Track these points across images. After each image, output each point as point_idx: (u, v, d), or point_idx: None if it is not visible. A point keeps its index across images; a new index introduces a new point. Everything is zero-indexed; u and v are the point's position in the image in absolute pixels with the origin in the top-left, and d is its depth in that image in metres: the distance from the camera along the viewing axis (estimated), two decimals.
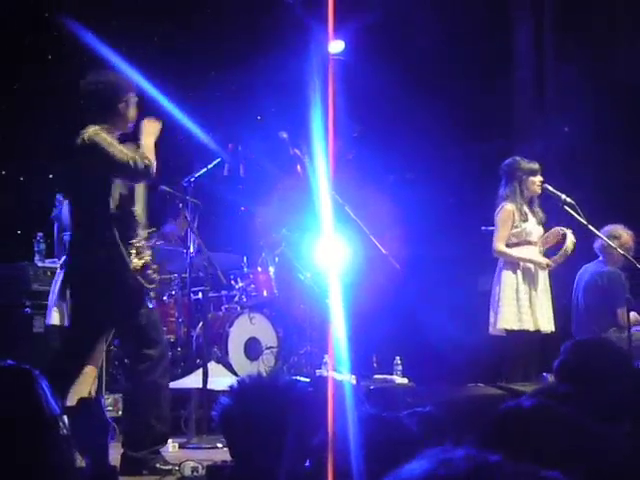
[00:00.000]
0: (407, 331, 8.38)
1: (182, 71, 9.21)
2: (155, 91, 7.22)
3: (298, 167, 6.22)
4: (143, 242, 4.98)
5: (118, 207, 4.89)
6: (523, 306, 6.48)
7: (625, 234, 7.20)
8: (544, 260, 6.59)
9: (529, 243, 6.61)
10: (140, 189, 5.06)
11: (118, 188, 4.89)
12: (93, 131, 4.86)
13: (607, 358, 3.07)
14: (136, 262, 4.86)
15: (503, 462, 1.07)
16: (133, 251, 4.88)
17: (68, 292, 5.14)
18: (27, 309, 7.18)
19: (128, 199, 4.95)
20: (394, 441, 2.29)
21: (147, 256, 4.96)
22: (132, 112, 5.07)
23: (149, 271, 4.96)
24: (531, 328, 6.46)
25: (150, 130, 5.07)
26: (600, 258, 7.45)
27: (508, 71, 9.26)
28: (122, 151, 4.84)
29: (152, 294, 5.13)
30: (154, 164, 4.93)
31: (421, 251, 8.45)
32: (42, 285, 7.13)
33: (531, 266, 6.56)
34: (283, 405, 2.55)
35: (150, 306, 5.02)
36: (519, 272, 6.54)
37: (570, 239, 6.59)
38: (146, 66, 8.21)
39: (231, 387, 2.65)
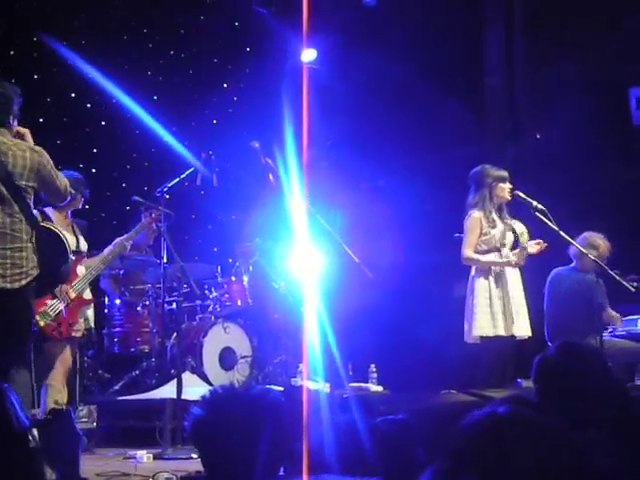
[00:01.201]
0: (383, 339, 8.37)
1: (155, 81, 9.20)
2: (127, 100, 7.22)
3: (270, 176, 6.21)
4: None
5: None
6: (496, 312, 6.49)
7: (603, 244, 7.25)
8: (511, 258, 6.59)
9: (498, 250, 6.63)
10: None
11: None
12: None
13: (591, 362, 3.06)
14: None
15: None
16: None
17: None
18: None
19: None
20: (368, 447, 2.29)
21: None
22: None
23: None
24: (505, 333, 6.48)
25: None
26: (573, 263, 7.48)
27: (479, 76, 9.29)
28: None
29: None
30: None
31: (395, 258, 8.45)
32: None
33: (503, 272, 6.58)
34: (256, 415, 2.53)
35: None
36: (491, 279, 6.56)
37: (519, 229, 6.65)
38: (119, 75, 8.23)
39: (203, 397, 2.63)
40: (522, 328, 6.58)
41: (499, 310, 6.50)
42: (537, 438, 1.43)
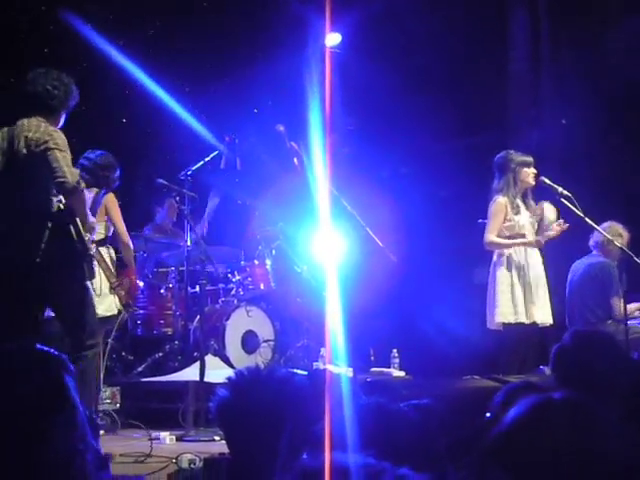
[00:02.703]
0: (404, 324, 8.39)
1: (179, 65, 9.20)
2: (153, 84, 7.23)
3: (295, 160, 6.22)
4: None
5: None
6: (518, 298, 6.50)
7: (625, 233, 7.27)
8: (533, 238, 6.60)
9: (522, 236, 6.62)
10: None
11: None
12: None
13: (604, 349, 3.08)
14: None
15: None
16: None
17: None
18: None
19: None
20: (394, 429, 2.30)
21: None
22: None
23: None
24: (526, 320, 6.49)
25: None
26: (594, 252, 7.47)
27: (503, 63, 9.24)
28: None
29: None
30: None
31: (417, 244, 8.45)
32: None
33: (525, 260, 6.58)
34: (281, 398, 2.55)
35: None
36: (513, 266, 6.56)
37: (548, 209, 6.63)
38: (144, 60, 8.24)
39: (229, 379, 2.65)
40: (543, 315, 6.58)
41: (520, 297, 6.50)
42: (590, 425, 1.42)
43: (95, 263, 5.36)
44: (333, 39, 8.31)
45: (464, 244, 7.71)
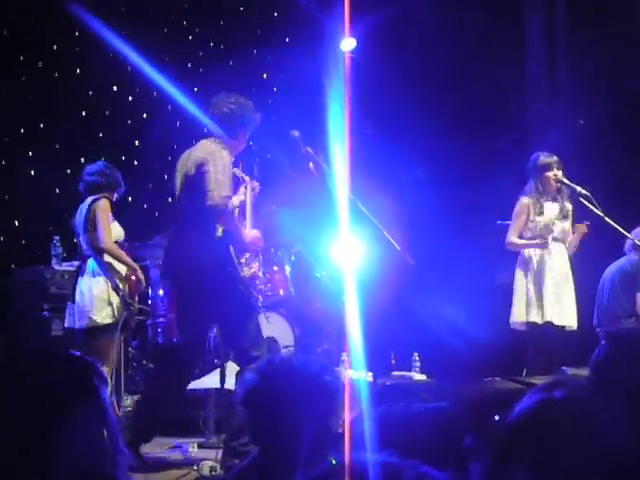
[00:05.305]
0: (426, 327, 8.34)
1: (195, 70, 9.23)
2: (169, 86, 7.22)
3: (311, 165, 6.20)
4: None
5: None
6: (531, 299, 6.59)
7: None
8: (546, 238, 6.61)
9: (544, 237, 6.62)
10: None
11: None
12: None
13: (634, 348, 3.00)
14: (246, 271, 5.00)
15: None
16: (243, 260, 5.06)
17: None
18: (45, 312, 7.21)
19: None
20: (413, 432, 2.28)
21: (255, 267, 5.16)
22: None
23: (257, 281, 5.17)
24: (539, 321, 6.51)
25: None
26: (631, 255, 7.39)
27: (521, 65, 9.22)
28: None
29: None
30: None
31: (437, 246, 8.41)
32: (59, 288, 7.15)
33: (543, 262, 6.59)
34: (308, 390, 2.52)
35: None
36: (531, 266, 6.65)
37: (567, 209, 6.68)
38: (161, 62, 8.25)
39: (258, 365, 2.63)
40: (566, 318, 6.57)
41: (534, 297, 6.55)
42: (593, 421, 1.40)
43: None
44: (349, 44, 8.29)
45: (484, 246, 7.68)
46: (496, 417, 2.45)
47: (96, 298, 6.04)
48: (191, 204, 5.21)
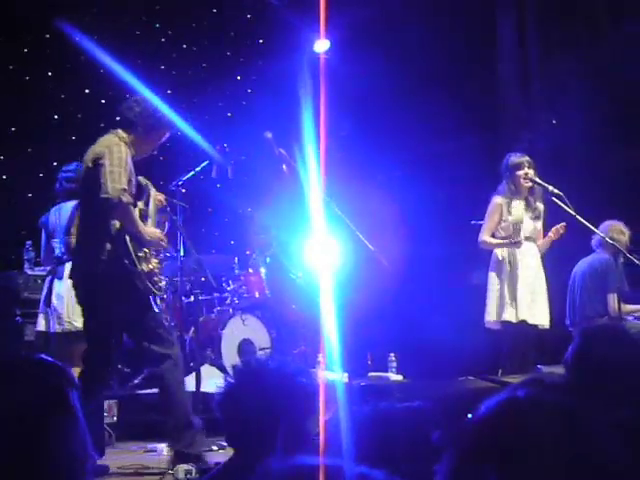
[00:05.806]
0: (402, 328, 8.35)
1: (168, 72, 9.19)
2: (142, 88, 7.19)
3: (284, 167, 6.19)
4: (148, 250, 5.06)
5: None
6: (504, 298, 6.60)
7: (626, 230, 7.30)
8: (516, 238, 6.64)
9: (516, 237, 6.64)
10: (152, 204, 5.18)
11: None
12: None
13: (623, 347, 3.01)
14: (144, 266, 4.93)
15: None
16: (142, 255, 4.96)
17: (79, 294, 5.17)
18: (18, 318, 7.15)
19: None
20: (386, 431, 2.28)
21: (154, 263, 5.05)
22: None
23: (155, 278, 5.04)
24: (513, 320, 6.53)
25: None
26: (597, 251, 7.46)
27: (493, 63, 9.25)
28: None
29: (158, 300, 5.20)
30: None
31: (413, 247, 8.43)
32: (32, 293, 7.09)
33: (517, 261, 6.62)
34: (281, 391, 2.52)
35: (156, 310, 5.09)
36: (504, 266, 6.68)
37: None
38: (132, 70, 8.21)
39: (234, 367, 2.63)
40: (539, 317, 6.61)
41: (508, 296, 6.57)
42: (557, 422, 1.39)
43: None
44: (322, 45, 8.29)
45: (460, 245, 7.70)
46: (469, 416, 2.44)
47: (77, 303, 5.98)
48: (89, 199, 5.11)
